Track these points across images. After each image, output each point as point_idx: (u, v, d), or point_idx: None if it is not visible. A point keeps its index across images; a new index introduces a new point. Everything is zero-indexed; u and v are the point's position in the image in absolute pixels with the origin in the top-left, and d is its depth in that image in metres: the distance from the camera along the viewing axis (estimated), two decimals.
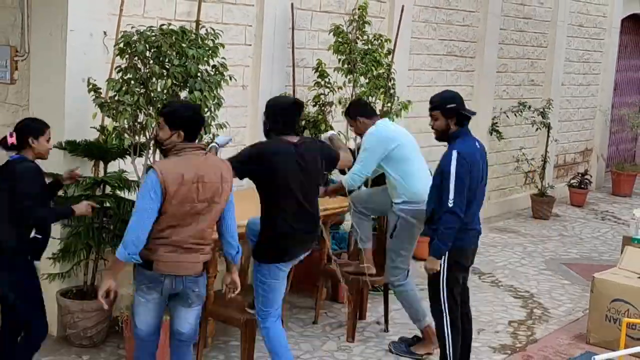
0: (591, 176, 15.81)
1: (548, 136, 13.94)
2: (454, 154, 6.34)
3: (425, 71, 11.53)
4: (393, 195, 7.50)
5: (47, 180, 6.22)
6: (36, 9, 7.36)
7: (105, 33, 7.29)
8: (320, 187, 6.89)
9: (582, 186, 15.04)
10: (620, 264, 8.37)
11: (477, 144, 6.62)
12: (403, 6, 9.85)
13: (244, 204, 6.44)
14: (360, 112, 7.73)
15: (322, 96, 9.03)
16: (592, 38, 15.87)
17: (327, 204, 8.21)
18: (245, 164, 6.13)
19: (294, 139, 6.24)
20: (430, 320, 7.21)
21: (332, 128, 8.98)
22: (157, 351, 5.90)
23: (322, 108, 9.04)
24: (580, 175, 15.23)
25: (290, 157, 6.13)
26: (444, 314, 6.60)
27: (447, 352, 6.63)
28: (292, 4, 9.13)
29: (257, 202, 6.17)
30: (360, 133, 7.71)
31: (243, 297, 6.52)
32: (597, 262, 11.08)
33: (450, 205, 6.29)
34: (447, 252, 6.46)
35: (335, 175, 9.31)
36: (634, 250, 8.41)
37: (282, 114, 6.29)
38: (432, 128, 6.69)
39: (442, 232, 6.38)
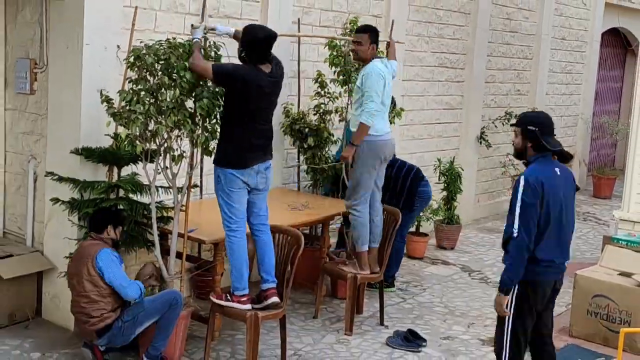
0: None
1: None
2: (522, 180, 5.72)
3: (418, 82, 11.52)
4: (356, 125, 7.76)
5: None
6: (54, 24, 7.35)
7: (118, 47, 7.28)
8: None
9: None
10: (601, 261, 8.36)
11: (557, 170, 5.86)
12: (393, 21, 9.86)
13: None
14: (377, 41, 7.90)
15: (322, 105, 9.03)
16: (574, 50, 15.87)
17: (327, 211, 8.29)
18: (225, 75, 6.43)
19: (267, 68, 6.54)
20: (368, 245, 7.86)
21: (332, 135, 9.00)
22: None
23: (323, 116, 9.04)
24: None
25: (262, 85, 6.45)
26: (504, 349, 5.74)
27: None
28: (298, 19, 9.14)
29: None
30: (359, 57, 7.85)
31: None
32: (579, 260, 11.03)
33: (514, 234, 5.55)
34: (517, 288, 5.64)
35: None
36: (614, 249, 8.40)
37: (257, 45, 6.53)
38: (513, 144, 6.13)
39: (507, 262, 5.65)
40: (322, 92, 9.02)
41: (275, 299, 6.66)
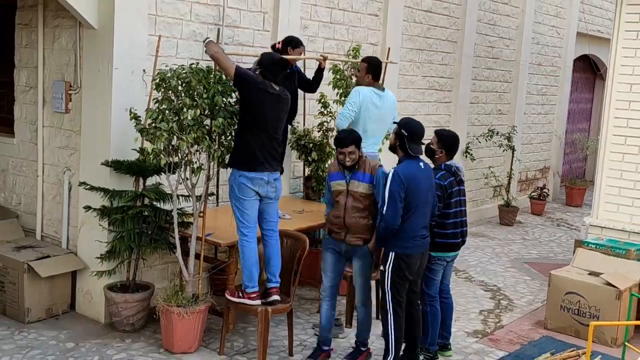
0: (548, 190, 15.80)
1: (512, 156, 13.94)
2: (391, 173, 6.21)
3: (410, 102, 11.53)
4: None
5: None
6: (87, 51, 7.39)
7: (144, 71, 7.31)
8: None
9: (541, 198, 15.02)
10: (573, 262, 8.36)
11: (421, 165, 6.36)
12: (389, 48, 9.88)
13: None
14: (375, 73, 7.78)
15: (324, 123, 9.04)
16: (549, 75, 15.87)
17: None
18: (244, 77, 6.51)
19: (275, 88, 6.59)
20: None
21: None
22: None
23: (325, 133, 9.05)
24: (539, 189, 15.23)
25: (270, 100, 6.51)
26: (388, 314, 6.38)
27: (390, 344, 6.43)
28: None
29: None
30: (357, 82, 7.87)
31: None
32: (553, 261, 11.04)
33: (383, 212, 6.18)
34: (392, 259, 6.25)
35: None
36: (584, 252, 8.40)
37: (273, 66, 6.61)
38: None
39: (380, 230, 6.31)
40: (325, 112, 9.02)
41: (276, 297, 6.67)
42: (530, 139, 15.64)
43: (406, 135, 6.35)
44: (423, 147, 6.56)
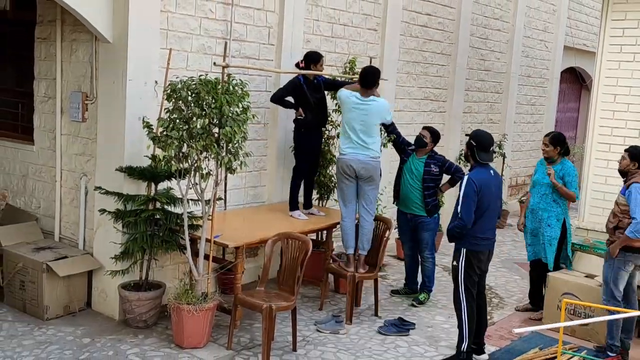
0: None
1: (503, 163, 13.95)
2: (465, 179, 6.67)
3: (407, 112, 11.54)
4: None
5: None
6: (102, 63, 7.40)
7: (156, 82, 7.33)
8: None
9: None
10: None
11: (491, 172, 6.80)
12: (371, 58, 9.89)
13: None
14: (362, 82, 7.95)
15: (326, 132, 9.04)
16: (537, 86, 15.88)
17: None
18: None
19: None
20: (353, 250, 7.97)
21: (334, 157, 9.00)
22: None
23: (327, 141, 9.06)
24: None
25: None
26: (462, 304, 6.87)
27: (464, 332, 6.87)
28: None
29: None
30: None
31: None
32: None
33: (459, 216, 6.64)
34: (464, 255, 6.76)
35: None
36: (582, 255, 8.39)
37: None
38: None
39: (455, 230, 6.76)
40: None
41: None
42: (520, 147, 15.65)
43: (475, 145, 6.77)
44: (493, 155, 6.97)
